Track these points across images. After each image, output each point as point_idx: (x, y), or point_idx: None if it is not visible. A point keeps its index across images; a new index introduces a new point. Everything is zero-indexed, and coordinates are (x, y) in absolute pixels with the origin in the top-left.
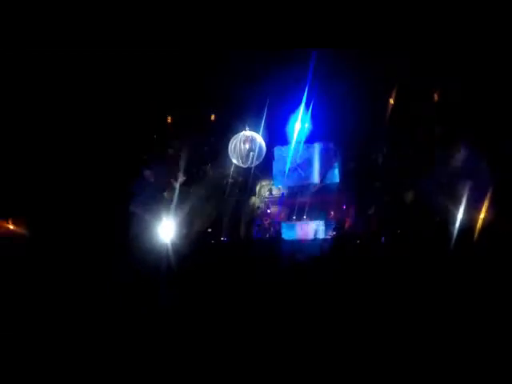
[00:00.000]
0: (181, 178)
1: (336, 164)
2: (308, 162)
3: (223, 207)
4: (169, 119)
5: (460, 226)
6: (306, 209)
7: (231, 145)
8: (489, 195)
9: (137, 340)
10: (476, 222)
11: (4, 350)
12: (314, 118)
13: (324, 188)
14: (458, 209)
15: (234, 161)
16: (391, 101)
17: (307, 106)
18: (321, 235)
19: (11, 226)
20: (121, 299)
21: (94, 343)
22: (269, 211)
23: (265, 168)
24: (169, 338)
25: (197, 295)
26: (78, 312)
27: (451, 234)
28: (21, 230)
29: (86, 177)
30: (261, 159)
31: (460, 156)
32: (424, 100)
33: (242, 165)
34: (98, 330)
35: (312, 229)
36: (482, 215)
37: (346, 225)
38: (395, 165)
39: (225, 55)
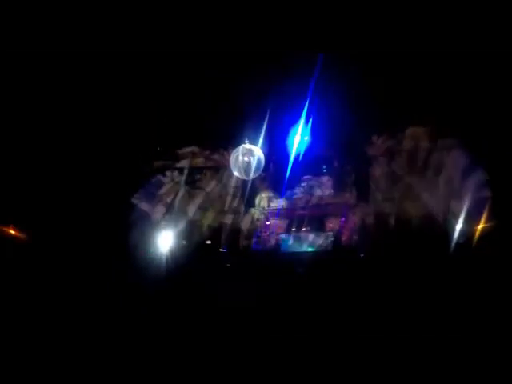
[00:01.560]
0: (182, 190)
1: (336, 174)
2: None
3: (223, 219)
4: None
5: (459, 235)
6: (305, 221)
7: (232, 158)
8: (487, 204)
9: (136, 348)
10: (474, 231)
11: (4, 349)
12: (312, 128)
13: (322, 200)
14: (457, 218)
15: (235, 173)
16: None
17: (307, 118)
18: (320, 247)
19: (13, 232)
20: (121, 307)
21: (93, 350)
22: (268, 223)
23: (265, 180)
24: (166, 348)
25: (195, 305)
26: (78, 320)
27: (451, 243)
28: (23, 238)
29: (88, 187)
30: (260, 171)
31: (458, 163)
32: (422, 107)
33: (242, 177)
34: (98, 339)
35: (311, 240)
36: (480, 224)
37: (345, 237)
38: (394, 175)
39: (226, 68)
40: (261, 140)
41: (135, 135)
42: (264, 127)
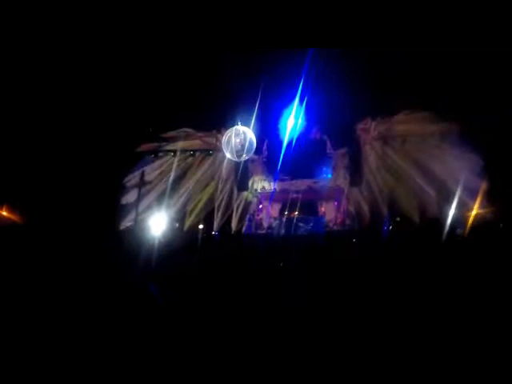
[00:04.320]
0: (174, 172)
1: (329, 158)
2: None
3: (215, 202)
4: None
5: (453, 220)
6: (298, 204)
7: (224, 139)
8: (480, 191)
9: (127, 333)
10: (468, 216)
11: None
12: (306, 112)
13: (316, 183)
14: (449, 204)
15: (228, 155)
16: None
17: (301, 101)
18: (312, 231)
19: (6, 214)
20: (112, 291)
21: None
22: (261, 206)
23: (258, 163)
24: (160, 331)
25: (188, 289)
26: (67, 303)
27: (443, 229)
28: (16, 219)
29: (79, 169)
30: (252, 153)
31: (452, 149)
32: (417, 92)
33: (234, 159)
34: (88, 321)
35: (304, 224)
36: (473, 211)
37: (338, 220)
38: (388, 160)
39: (220, 52)
40: (253, 122)
41: (125, 117)
42: (257, 109)
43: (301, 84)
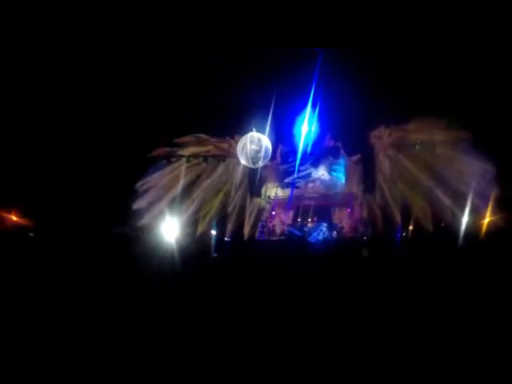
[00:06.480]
0: (187, 178)
1: (342, 165)
2: (318, 163)
3: (228, 208)
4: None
5: (465, 228)
6: (311, 211)
7: (239, 145)
8: (492, 198)
9: (140, 338)
10: (481, 224)
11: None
12: (320, 118)
13: (329, 190)
14: (463, 212)
15: (243, 161)
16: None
17: (314, 107)
18: (325, 237)
19: (15, 218)
20: (124, 296)
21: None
22: (274, 213)
23: (271, 169)
24: (172, 335)
25: (200, 294)
26: (79, 308)
27: (457, 236)
28: (24, 224)
29: (92, 174)
30: (267, 160)
31: (466, 157)
32: (431, 100)
33: (250, 165)
34: (100, 328)
35: (316, 231)
36: (486, 218)
37: (351, 227)
38: (401, 167)
39: (233, 57)
40: (268, 129)
41: (138, 121)
42: (271, 116)
43: (312, 90)
